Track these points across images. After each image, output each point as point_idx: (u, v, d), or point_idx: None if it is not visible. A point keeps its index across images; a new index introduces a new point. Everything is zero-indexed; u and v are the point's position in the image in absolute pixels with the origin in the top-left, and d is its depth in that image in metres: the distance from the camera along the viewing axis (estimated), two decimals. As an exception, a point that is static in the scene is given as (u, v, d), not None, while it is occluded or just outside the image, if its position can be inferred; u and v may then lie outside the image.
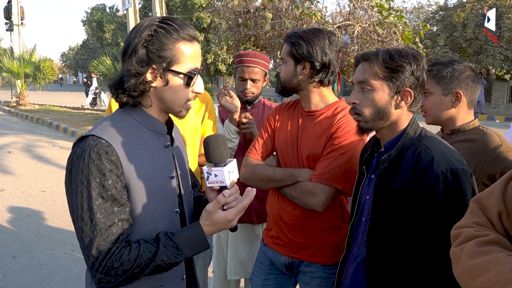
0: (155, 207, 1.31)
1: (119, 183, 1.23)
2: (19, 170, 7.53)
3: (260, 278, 2.09)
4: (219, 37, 7.63)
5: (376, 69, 1.45)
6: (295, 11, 6.43)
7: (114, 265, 1.18)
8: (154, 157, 1.33)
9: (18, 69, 17.65)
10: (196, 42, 1.33)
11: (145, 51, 1.26)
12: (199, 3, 23.74)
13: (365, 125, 1.51)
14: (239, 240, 2.66)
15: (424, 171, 1.36)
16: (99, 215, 1.18)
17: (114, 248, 1.18)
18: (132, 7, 12.12)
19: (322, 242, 1.91)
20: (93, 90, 19.04)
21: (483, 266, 0.91)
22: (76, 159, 1.22)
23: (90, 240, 1.18)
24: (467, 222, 1.08)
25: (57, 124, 13.07)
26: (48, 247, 4.37)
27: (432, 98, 1.87)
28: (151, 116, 1.34)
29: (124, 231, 1.22)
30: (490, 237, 0.98)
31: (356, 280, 1.57)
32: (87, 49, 46.43)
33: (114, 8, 36.72)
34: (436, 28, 22.76)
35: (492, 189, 1.06)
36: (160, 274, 1.30)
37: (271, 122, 2.07)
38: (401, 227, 1.41)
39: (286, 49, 1.91)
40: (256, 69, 2.59)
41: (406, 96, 1.47)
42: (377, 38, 6.66)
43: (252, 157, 2.01)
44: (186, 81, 1.31)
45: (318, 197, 1.78)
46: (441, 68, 1.86)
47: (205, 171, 1.30)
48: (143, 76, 1.27)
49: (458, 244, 1.05)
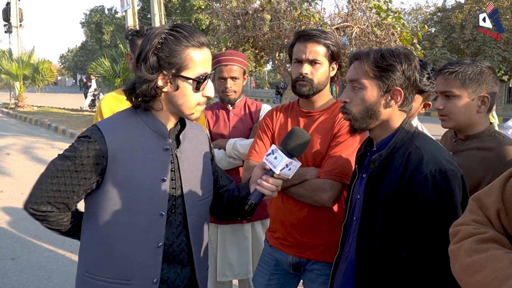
0: (135, 203, 1.36)
1: (88, 173, 1.34)
2: (17, 171, 7.54)
3: (264, 278, 2.09)
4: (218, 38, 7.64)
5: (366, 68, 1.46)
6: (293, 12, 6.43)
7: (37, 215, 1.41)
8: (148, 156, 1.37)
9: (17, 71, 17.65)
10: (205, 48, 1.37)
11: (155, 58, 1.32)
12: (197, 5, 23.76)
13: (355, 124, 1.52)
14: (228, 241, 2.66)
15: (414, 172, 1.36)
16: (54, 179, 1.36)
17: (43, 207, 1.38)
18: (130, 8, 12.14)
19: (329, 240, 1.92)
20: (92, 92, 19.04)
21: (480, 263, 0.92)
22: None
23: (36, 184, 1.39)
24: (465, 220, 1.09)
25: (55, 126, 13.06)
26: (46, 248, 4.37)
27: (457, 102, 1.74)
28: (156, 118, 1.40)
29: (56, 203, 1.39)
30: (488, 235, 0.99)
31: (348, 280, 1.58)
32: (85, 51, 46.39)
33: (113, 10, 36.73)
34: (434, 30, 22.80)
35: (491, 187, 1.07)
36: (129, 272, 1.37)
37: (269, 124, 2.07)
38: (391, 227, 1.42)
39: (322, 51, 1.90)
40: (234, 67, 2.59)
41: (396, 95, 1.47)
42: (375, 40, 6.67)
43: (254, 159, 2.01)
44: (195, 86, 1.36)
45: (329, 193, 1.79)
46: (466, 69, 1.73)
47: (273, 148, 1.34)
48: (154, 82, 1.32)
49: (457, 241, 1.05)
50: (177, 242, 1.45)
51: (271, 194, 1.39)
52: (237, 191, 1.55)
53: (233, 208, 1.57)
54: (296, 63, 1.93)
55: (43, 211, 1.40)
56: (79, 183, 1.36)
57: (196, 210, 1.49)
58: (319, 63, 1.90)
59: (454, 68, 1.75)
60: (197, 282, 1.51)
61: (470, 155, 1.75)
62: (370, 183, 1.49)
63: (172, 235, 1.44)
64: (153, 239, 1.39)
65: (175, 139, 1.47)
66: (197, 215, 1.49)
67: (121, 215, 1.36)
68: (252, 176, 1.46)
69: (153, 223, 1.38)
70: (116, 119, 1.42)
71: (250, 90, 33.56)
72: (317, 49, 1.89)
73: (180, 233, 1.46)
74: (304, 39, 1.89)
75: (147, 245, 1.39)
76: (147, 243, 1.38)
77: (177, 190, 1.44)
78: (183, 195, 1.44)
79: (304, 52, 1.89)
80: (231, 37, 7.12)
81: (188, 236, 1.47)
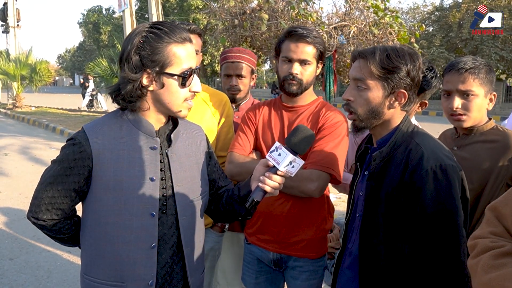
0: (124, 204, 1.34)
1: (76, 176, 1.35)
2: (15, 172, 7.52)
3: (252, 277, 2.11)
4: (216, 38, 7.62)
5: (372, 68, 1.45)
6: (291, 12, 6.43)
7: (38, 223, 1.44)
8: (135, 156, 1.36)
9: (14, 71, 17.61)
10: (188, 43, 1.35)
11: (138, 57, 1.30)
12: (195, 4, 23.77)
13: (360, 124, 1.52)
14: (224, 250, 2.59)
15: (414, 168, 1.38)
16: (46, 190, 1.38)
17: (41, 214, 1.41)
18: (128, 9, 12.11)
19: (310, 236, 1.95)
20: (89, 92, 18.99)
21: (497, 282, 0.89)
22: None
23: (34, 193, 1.42)
24: (482, 232, 1.06)
25: (53, 126, 13.04)
26: (45, 248, 4.36)
27: (477, 101, 1.78)
28: (142, 118, 1.38)
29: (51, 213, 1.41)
30: (506, 249, 0.96)
31: (351, 276, 1.59)
32: (83, 51, 46.35)
33: (110, 10, 36.73)
34: (432, 29, 22.84)
35: (508, 196, 1.04)
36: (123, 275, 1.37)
37: (252, 118, 2.08)
38: (393, 222, 1.43)
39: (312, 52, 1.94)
40: (241, 65, 2.51)
41: (400, 97, 1.48)
42: (373, 39, 6.67)
43: (238, 152, 2.01)
44: (181, 82, 1.33)
45: (315, 183, 1.80)
46: (481, 68, 1.76)
47: (277, 145, 1.33)
48: (138, 81, 1.31)
49: (474, 256, 1.02)
50: (169, 244, 1.43)
51: (273, 192, 1.36)
52: (237, 190, 1.53)
53: (233, 207, 1.54)
54: (285, 61, 1.94)
55: (44, 219, 1.41)
56: (70, 187, 1.36)
57: (189, 211, 1.46)
58: (308, 63, 1.92)
59: (472, 67, 1.76)
60: (189, 285, 1.49)
61: (476, 147, 1.79)
62: (371, 180, 1.50)
63: (164, 236, 1.41)
64: (146, 240, 1.37)
65: (166, 138, 1.44)
66: (189, 216, 1.46)
67: (111, 216, 1.35)
68: (254, 173, 1.44)
69: (144, 223, 1.36)
70: (102, 120, 1.41)
71: (248, 90, 33.55)
72: (308, 49, 1.90)
73: (173, 234, 1.44)
74: (296, 39, 1.90)
75: (140, 246, 1.37)
76: (139, 244, 1.37)
77: (168, 190, 1.41)
78: (174, 195, 1.42)
79: (295, 51, 1.90)
80: (229, 37, 7.11)
81: (180, 238, 1.44)
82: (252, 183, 1.45)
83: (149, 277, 1.38)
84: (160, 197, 1.39)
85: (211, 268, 2.63)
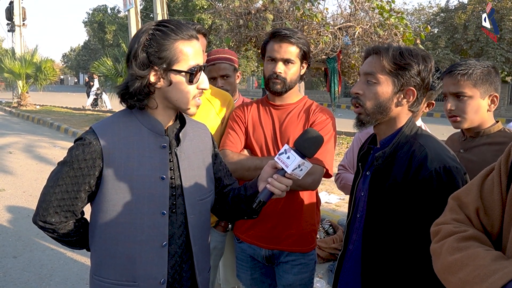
0: (135, 203, 1.34)
1: (87, 177, 1.34)
2: (20, 170, 7.55)
3: (247, 274, 2.16)
4: (220, 38, 7.62)
5: (385, 63, 1.47)
6: (296, 12, 6.43)
7: (47, 226, 1.41)
8: (145, 155, 1.36)
9: (20, 70, 17.69)
10: (194, 40, 1.36)
11: (145, 55, 1.30)
12: (200, 4, 23.80)
13: (365, 118, 1.52)
14: (227, 248, 2.59)
15: (418, 169, 1.38)
16: (57, 189, 1.36)
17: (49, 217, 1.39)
18: (133, 8, 12.15)
19: (300, 230, 2.01)
20: (94, 91, 19.05)
21: (462, 261, 0.93)
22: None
23: (40, 196, 1.39)
24: (446, 219, 1.10)
25: (58, 125, 13.09)
26: (48, 247, 4.38)
27: (470, 102, 1.79)
28: (151, 116, 1.39)
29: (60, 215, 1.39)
30: (468, 233, 1.00)
31: (353, 277, 1.58)
32: (88, 50, 46.51)
33: (115, 9, 36.83)
34: (437, 30, 22.76)
35: (470, 186, 1.09)
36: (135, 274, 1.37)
37: (241, 116, 2.11)
38: (395, 223, 1.43)
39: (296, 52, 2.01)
40: (223, 65, 2.54)
41: (408, 95, 1.49)
42: (378, 40, 6.66)
43: (231, 149, 2.04)
44: (188, 78, 1.34)
45: (313, 176, 1.87)
46: (476, 70, 1.77)
47: (286, 147, 1.34)
48: (146, 78, 1.31)
49: (438, 240, 1.07)
50: (179, 243, 1.44)
51: (280, 194, 1.38)
52: (244, 189, 1.53)
53: (240, 207, 1.54)
54: (270, 61, 2.01)
55: (52, 222, 1.39)
56: (80, 188, 1.35)
57: (197, 210, 1.47)
58: (292, 63, 1.99)
59: (464, 69, 1.78)
60: (197, 284, 1.50)
61: (482, 150, 1.80)
62: (374, 179, 1.50)
63: (174, 235, 1.42)
64: (157, 238, 1.37)
65: (174, 137, 1.45)
66: (197, 215, 1.47)
67: (122, 216, 1.35)
68: (262, 174, 1.45)
69: (155, 222, 1.37)
70: (111, 119, 1.41)
71: (252, 90, 33.57)
72: (291, 49, 1.97)
73: (182, 233, 1.44)
74: (279, 39, 1.97)
75: (151, 245, 1.37)
76: (151, 243, 1.37)
77: (177, 189, 1.42)
78: (183, 194, 1.43)
79: (278, 51, 1.97)
80: (234, 37, 7.11)
81: (188, 237, 1.45)
82: (260, 184, 1.46)
83: (161, 276, 1.39)
84: (170, 196, 1.40)
85: (214, 267, 2.64)
